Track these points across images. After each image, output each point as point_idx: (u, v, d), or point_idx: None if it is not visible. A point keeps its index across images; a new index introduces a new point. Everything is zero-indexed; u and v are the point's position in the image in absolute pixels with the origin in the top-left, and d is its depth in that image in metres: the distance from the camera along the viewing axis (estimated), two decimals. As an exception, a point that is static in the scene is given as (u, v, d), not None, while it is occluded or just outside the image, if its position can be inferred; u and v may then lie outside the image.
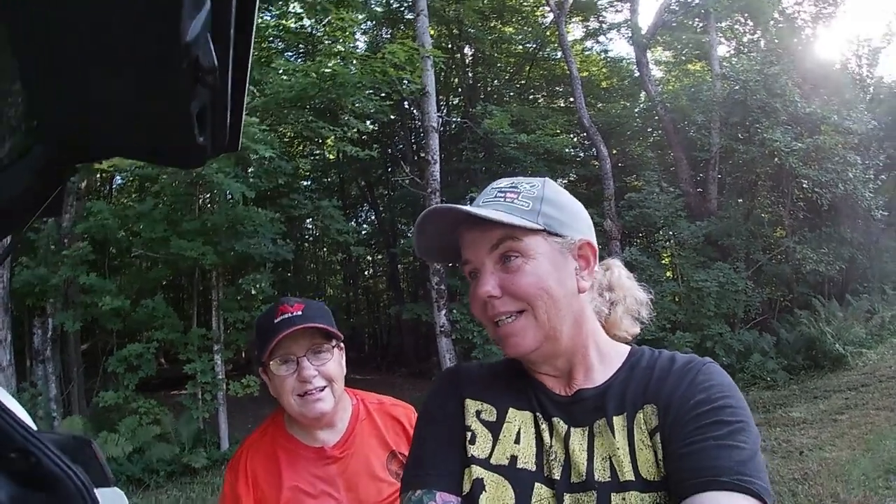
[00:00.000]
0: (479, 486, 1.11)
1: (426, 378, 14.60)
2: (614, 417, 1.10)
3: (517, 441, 1.15)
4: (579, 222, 1.18)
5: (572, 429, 1.12)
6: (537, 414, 1.16)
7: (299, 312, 1.76)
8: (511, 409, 1.19)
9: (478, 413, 1.20)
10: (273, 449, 1.83)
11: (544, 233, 1.12)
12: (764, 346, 12.29)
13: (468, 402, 1.22)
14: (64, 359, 11.43)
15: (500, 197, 1.15)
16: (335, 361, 1.81)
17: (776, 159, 12.87)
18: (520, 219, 1.10)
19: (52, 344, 10.68)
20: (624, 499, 1.02)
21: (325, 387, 1.76)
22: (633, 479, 1.03)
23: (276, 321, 1.74)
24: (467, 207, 1.11)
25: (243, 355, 17.22)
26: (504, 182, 1.19)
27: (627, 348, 1.22)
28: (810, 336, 12.11)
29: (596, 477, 1.05)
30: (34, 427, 1.96)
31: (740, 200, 14.92)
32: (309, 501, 1.75)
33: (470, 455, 1.15)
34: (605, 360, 1.18)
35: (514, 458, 1.13)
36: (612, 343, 1.22)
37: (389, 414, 1.94)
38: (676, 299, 12.88)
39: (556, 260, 1.12)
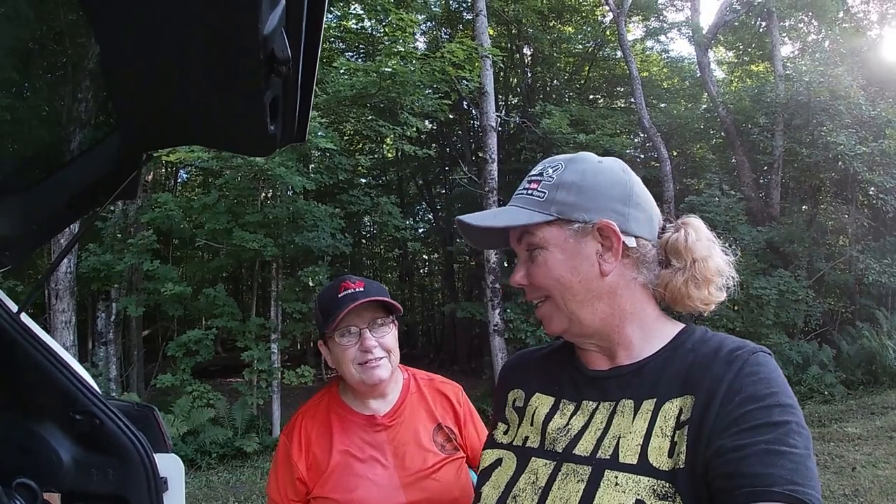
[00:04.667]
0: (497, 463, 1.23)
1: (478, 376, 14.67)
2: (645, 401, 1.08)
3: (532, 423, 1.23)
4: (601, 202, 1.15)
5: (601, 404, 1.15)
6: (560, 397, 1.23)
7: (361, 289, 1.88)
8: (537, 394, 1.28)
9: (514, 402, 1.32)
10: (327, 415, 1.95)
11: (558, 221, 1.14)
12: (823, 358, 11.85)
13: (511, 393, 1.35)
14: (125, 343, 11.88)
15: (524, 190, 1.20)
16: (393, 335, 1.94)
17: (840, 163, 12.43)
18: (527, 215, 1.16)
19: (114, 327, 11.13)
20: (616, 477, 1.02)
21: (383, 357, 1.88)
22: (636, 462, 1.02)
23: (339, 296, 1.86)
24: (469, 220, 1.19)
25: (299, 346, 17.58)
26: (537, 168, 1.23)
27: (680, 327, 1.18)
28: (871, 350, 11.68)
29: (599, 454, 1.07)
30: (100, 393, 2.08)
31: (805, 208, 14.48)
32: (357, 465, 1.85)
33: (500, 441, 1.28)
34: (649, 338, 1.16)
35: (525, 438, 1.23)
36: (662, 320, 1.19)
37: (438, 390, 2.06)
38: (735, 307, 12.53)
39: (568, 248, 1.14)
